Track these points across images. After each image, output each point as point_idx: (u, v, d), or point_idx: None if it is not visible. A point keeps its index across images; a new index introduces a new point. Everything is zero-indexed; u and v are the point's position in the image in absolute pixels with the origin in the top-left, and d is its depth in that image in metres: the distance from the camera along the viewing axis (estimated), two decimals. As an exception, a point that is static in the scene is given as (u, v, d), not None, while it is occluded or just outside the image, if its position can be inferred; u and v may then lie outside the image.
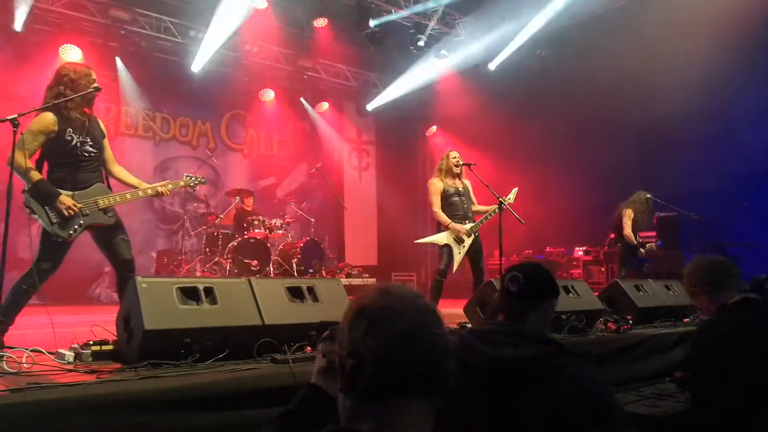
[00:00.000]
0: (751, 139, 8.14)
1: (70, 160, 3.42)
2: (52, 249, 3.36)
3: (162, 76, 9.49)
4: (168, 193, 3.80)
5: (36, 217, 3.30)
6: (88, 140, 3.48)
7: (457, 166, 5.55)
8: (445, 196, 5.48)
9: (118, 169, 3.74)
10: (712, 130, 8.44)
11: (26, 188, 3.33)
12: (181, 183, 3.99)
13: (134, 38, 8.97)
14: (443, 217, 5.39)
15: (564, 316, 4.13)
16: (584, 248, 9.53)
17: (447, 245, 5.33)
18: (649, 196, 7.15)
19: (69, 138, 3.39)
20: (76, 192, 3.43)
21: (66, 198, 3.33)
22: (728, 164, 8.25)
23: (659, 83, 8.52)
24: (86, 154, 3.48)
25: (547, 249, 10.08)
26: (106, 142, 3.68)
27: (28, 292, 3.35)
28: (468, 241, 5.36)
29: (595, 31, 8.91)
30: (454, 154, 5.66)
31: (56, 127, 3.35)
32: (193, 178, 4.05)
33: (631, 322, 4.41)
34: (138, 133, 9.52)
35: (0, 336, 3.26)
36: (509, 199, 5.52)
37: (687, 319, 5.03)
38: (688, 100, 8.10)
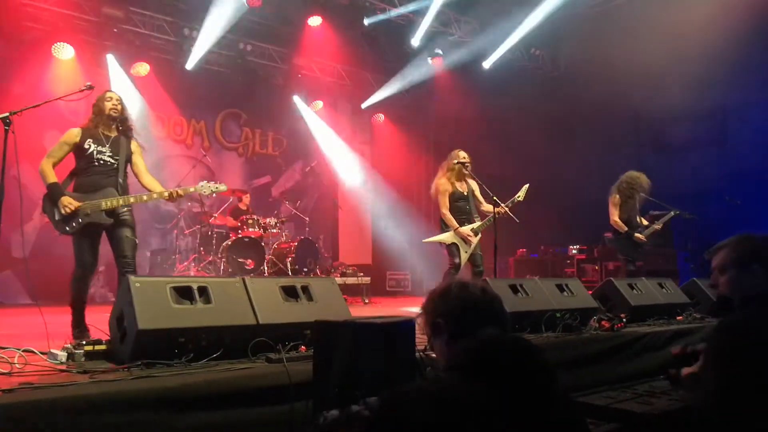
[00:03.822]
0: (742, 138, 8.19)
1: (87, 165, 3.93)
2: (76, 247, 3.89)
3: (156, 75, 9.45)
4: (176, 198, 4.11)
5: (46, 214, 3.88)
6: (107, 151, 3.97)
7: (466, 166, 5.59)
8: (452, 199, 5.55)
9: (148, 180, 4.18)
10: (706, 129, 8.49)
11: None
12: (191, 189, 4.29)
13: (128, 36, 8.92)
14: (452, 221, 5.50)
15: (558, 315, 4.14)
16: (578, 247, 9.55)
17: (454, 244, 5.47)
18: (634, 172, 6.52)
19: (87, 147, 3.92)
20: (88, 194, 3.89)
21: (65, 199, 3.81)
22: (721, 164, 8.29)
23: (654, 83, 8.55)
24: (102, 162, 3.95)
25: (542, 247, 10.11)
26: (136, 158, 4.15)
27: (79, 289, 3.99)
28: (475, 241, 5.48)
29: (589, 30, 8.94)
30: (463, 154, 5.65)
31: (78, 139, 3.93)
32: (208, 185, 4.27)
33: (624, 320, 4.42)
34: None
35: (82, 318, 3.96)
36: (519, 196, 5.55)
37: (680, 317, 5.06)
38: (681, 100, 8.14)
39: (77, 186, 3.96)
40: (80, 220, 3.84)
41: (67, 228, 3.84)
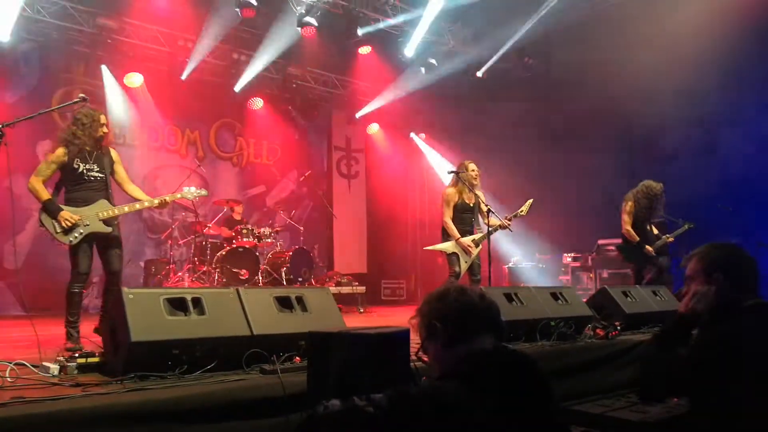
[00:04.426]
0: (734, 146, 8.25)
1: (78, 182, 4.20)
2: (74, 256, 4.13)
3: (150, 85, 9.45)
4: (166, 205, 4.54)
5: (46, 228, 4.09)
6: (95, 167, 4.25)
7: (475, 178, 5.70)
8: (457, 210, 5.64)
9: (131, 188, 4.51)
10: (697, 137, 8.55)
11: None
12: (178, 195, 4.67)
13: (122, 47, 8.92)
14: (454, 231, 5.60)
15: (553, 323, 4.15)
16: (572, 254, 9.58)
17: (454, 253, 5.57)
18: (653, 183, 6.37)
19: (76, 166, 4.17)
20: (82, 207, 4.16)
21: (65, 213, 4.07)
22: (712, 171, 8.34)
23: (646, 91, 8.61)
24: (92, 178, 4.23)
25: (536, 255, 10.13)
26: (117, 167, 4.45)
27: (80, 294, 4.19)
28: (475, 252, 5.58)
29: (581, 39, 9.01)
30: (472, 166, 5.76)
31: (66, 158, 4.15)
32: (192, 191, 4.78)
33: (619, 328, 4.43)
34: (126, 142, 9.46)
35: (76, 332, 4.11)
36: (522, 210, 5.67)
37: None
38: (673, 108, 8.21)
39: (69, 200, 4.20)
40: (81, 231, 4.12)
41: (71, 239, 4.10)
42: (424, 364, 2.13)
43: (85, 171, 4.20)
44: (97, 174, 4.26)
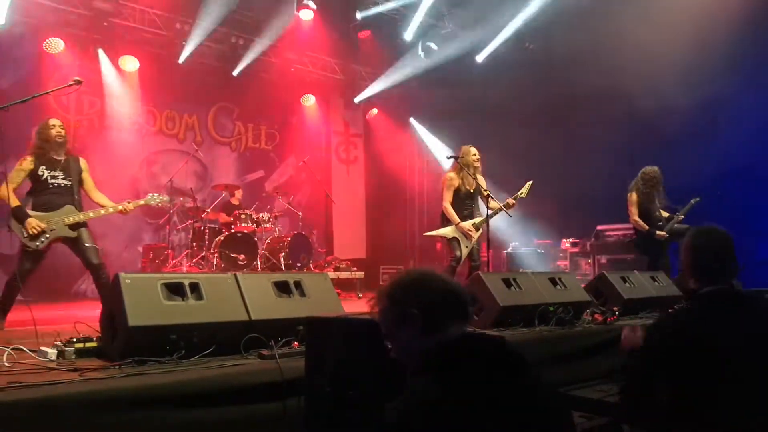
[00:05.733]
0: (731, 136, 8.20)
1: (43, 188, 4.46)
2: (29, 256, 4.37)
3: (147, 69, 9.36)
4: (129, 211, 4.70)
5: (15, 233, 4.34)
6: (60, 174, 4.50)
7: (476, 162, 5.69)
8: (459, 196, 5.64)
9: (98, 196, 4.74)
10: (696, 126, 8.50)
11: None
12: (141, 202, 4.89)
13: (118, 30, 8.83)
14: (453, 215, 5.61)
15: (551, 308, 4.15)
16: (571, 240, 9.57)
17: (455, 238, 5.58)
18: (648, 168, 6.49)
19: (41, 173, 4.45)
20: (49, 213, 4.39)
21: (32, 220, 4.30)
22: (710, 160, 8.30)
23: (647, 76, 8.54)
24: (56, 185, 4.48)
25: (535, 241, 10.12)
26: (85, 176, 4.67)
27: (17, 288, 4.31)
28: (475, 236, 5.58)
29: (582, 25, 8.92)
30: (473, 150, 5.75)
31: (32, 166, 4.43)
32: (155, 197, 5.00)
33: (617, 313, 4.44)
34: (123, 126, 9.40)
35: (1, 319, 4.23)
36: (522, 193, 5.66)
37: (672, 310, 5.07)
38: (674, 93, 8.15)
39: (36, 205, 4.44)
40: (48, 236, 4.36)
41: (38, 244, 4.33)
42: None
43: (49, 178, 4.44)
44: (62, 181, 4.50)
